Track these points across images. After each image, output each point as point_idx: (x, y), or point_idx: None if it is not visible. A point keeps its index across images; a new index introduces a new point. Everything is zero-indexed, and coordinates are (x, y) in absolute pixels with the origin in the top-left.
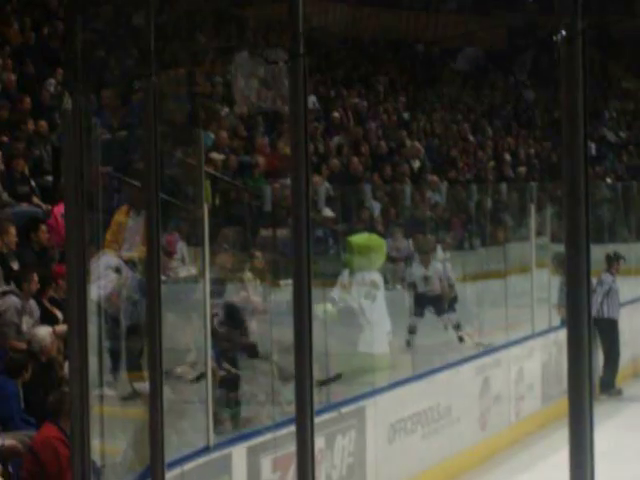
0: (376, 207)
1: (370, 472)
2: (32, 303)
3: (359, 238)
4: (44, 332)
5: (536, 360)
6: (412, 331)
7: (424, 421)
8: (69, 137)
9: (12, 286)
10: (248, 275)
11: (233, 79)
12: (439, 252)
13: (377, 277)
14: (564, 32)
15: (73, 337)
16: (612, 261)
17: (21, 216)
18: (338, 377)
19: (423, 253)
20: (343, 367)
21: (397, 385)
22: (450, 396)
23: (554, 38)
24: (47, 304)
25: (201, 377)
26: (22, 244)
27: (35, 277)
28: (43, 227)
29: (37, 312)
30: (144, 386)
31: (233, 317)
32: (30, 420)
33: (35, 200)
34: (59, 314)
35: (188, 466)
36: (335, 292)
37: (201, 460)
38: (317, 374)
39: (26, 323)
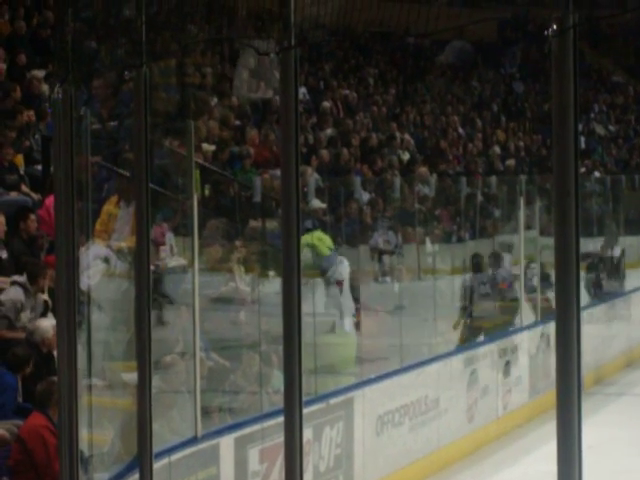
0: (365, 198)
1: (358, 464)
2: (39, 297)
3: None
4: (47, 324)
5: (524, 353)
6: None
7: (412, 413)
8: (59, 127)
9: (24, 278)
10: (236, 266)
11: (231, 71)
12: (428, 245)
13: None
14: (555, 26)
15: (62, 327)
16: None
17: (10, 205)
18: None
19: None
20: (331, 357)
21: (385, 377)
22: (438, 388)
23: (545, 32)
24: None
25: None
26: (11, 233)
27: (50, 273)
28: (32, 216)
29: (42, 307)
30: (132, 376)
31: None
32: (28, 407)
33: (24, 189)
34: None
35: (175, 456)
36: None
37: (189, 450)
38: (305, 364)
39: (25, 318)
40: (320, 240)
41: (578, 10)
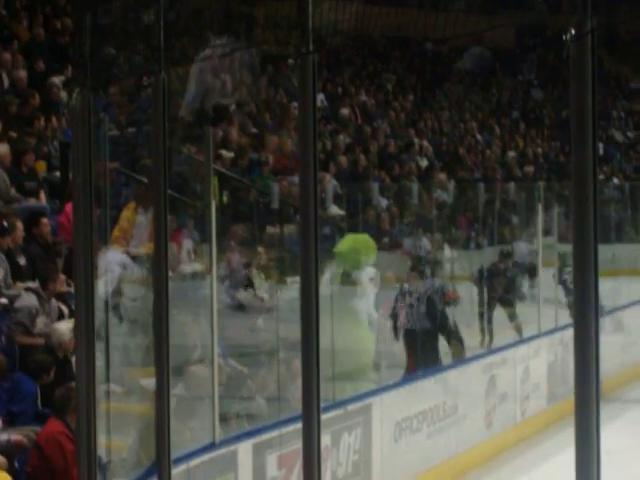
0: (383, 205)
1: (375, 470)
2: (53, 303)
3: (344, 245)
4: (63, 327)
5: (542, 359)
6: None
7: (430, 419)
8: (77, 133)
9: (36, 283)
10: (254, 272)
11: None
12: (446, 251)
13: (373, 273)
14: (573, 31)
15: (80, 332)
16: None
17: (27, 211)
18: None
19: None
20: (350, 364)
21: (403, 383)
22: (456, 395)
23: (564, 37)
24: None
25: None
26: (28, 239)
27: (61, 277)
28: (44, 220)
29: (56, 313)
30: (151, 382)
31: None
32: (47, 413)
33: (42, 196)
34: (65, 309)
35: (194, 462)
36: None
37: (207, 456)
38: (323, 371)
39: (41, 323)
40: (367, 246)
41: (596, 16)
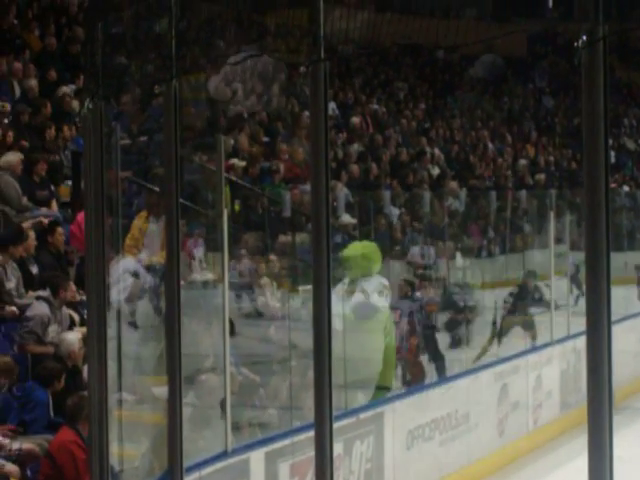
0: (395, 213)
1: (388, 478)
2: (64, 311)
3: (351, 250)
4: (72, 337)
5: (554, 368)
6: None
7: (442, 427)
8: (89, 142)
9: (47, 292)
10: (266, 280)
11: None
12: (458, 259)
13: (382, 286)
14: (585, 37)
15: (92, 341)
16: None
17: (40, 221)
18: None
19: None
20: (362, 372)
21: (415, 391)
22: (468, 403)
23: (575, 44)
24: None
25: None
26: (40, 248)
27: (72, 285)
28: (60, 230)
29: (67, 321)
30: (163, 390)
31: None
32: (60, 422)
33: (54, 205)
34: (76, 317)
35: (206, 471)
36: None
37: (219, 465)
38: (336, 379)
39: (53, 332)
40: (375, 253)
41: (608, 23)
